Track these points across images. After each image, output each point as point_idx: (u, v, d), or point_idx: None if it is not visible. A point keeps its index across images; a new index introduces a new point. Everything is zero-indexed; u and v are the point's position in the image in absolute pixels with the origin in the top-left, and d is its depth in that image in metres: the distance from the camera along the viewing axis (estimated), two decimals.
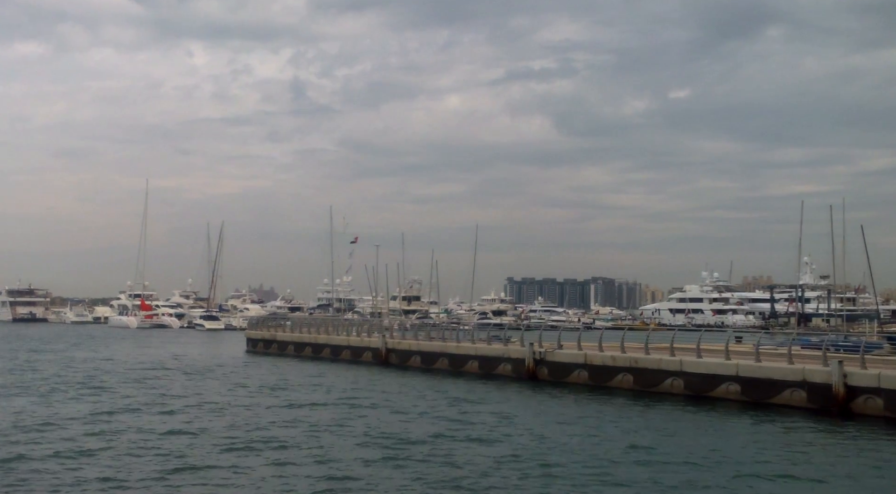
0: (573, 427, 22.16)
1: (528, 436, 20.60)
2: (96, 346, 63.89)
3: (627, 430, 21.47)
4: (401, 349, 41.19)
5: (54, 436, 20.08)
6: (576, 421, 23.09)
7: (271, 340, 53.70)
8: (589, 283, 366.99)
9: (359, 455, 18.06)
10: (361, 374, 37.74)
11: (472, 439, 20.21)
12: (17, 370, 39.69)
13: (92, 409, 25.20)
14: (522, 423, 22.75)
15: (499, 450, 18.68)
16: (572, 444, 19.52)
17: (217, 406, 26.40)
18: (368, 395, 29.38)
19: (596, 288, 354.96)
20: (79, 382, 33.72)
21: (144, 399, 28.06)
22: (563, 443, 19.62)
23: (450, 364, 37.53)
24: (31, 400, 27.36)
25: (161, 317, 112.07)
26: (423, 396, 29.13)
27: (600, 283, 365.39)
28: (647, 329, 60.49)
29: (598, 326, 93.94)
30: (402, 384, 33.33)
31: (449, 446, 19.27)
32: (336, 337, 47.37)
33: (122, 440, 19.81)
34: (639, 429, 21.56)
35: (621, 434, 20.82)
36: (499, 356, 34.78)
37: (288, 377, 36.60)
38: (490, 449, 18.85)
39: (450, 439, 20.20)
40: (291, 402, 27.38)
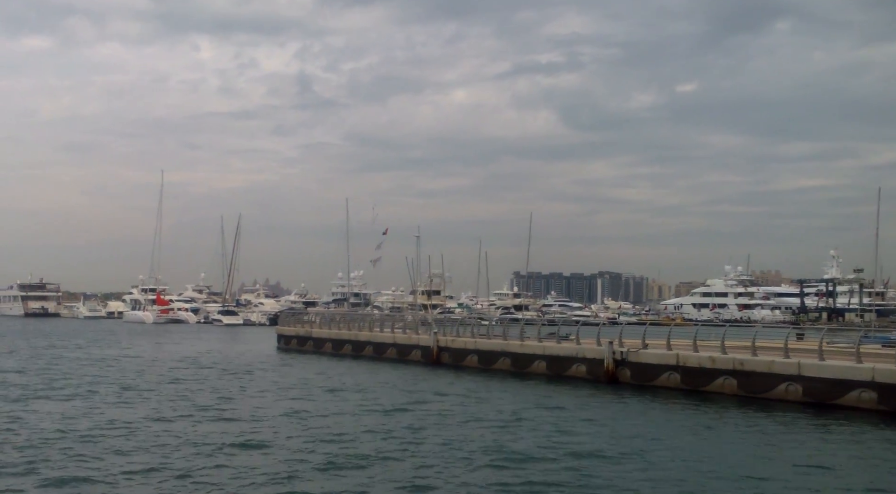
0: (707, 441, 19.44)
1: (664, 451, 17.86)
2: (118, 343, 61.33)
3: (787, 445, 18.71)
4: (455, 347, 38.50)
5: (125, 446, 17.46)
6: (702, 432, 20.41)
7: (306, 337, 51.05)
8: (595, 278, 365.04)
9: (487, 479, 15.35)
10: (416, 375, 35.07)
11: (595, 455, 17.47)
12: (47, 369, 37.07)
13: (147, 414, 22.54)
14: (639, 434, 20.06)
15: (643, 471, 15.97)
16: (732, 463, 16.76)
17: (285, 411, 23.72)
18: (441, 399, 26.72)
19: (603, 282, 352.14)
20: (117, 382, 31.11)
21: (198, 401, 25.40)
22: (719, 463, 16.86)
23: (512, 364, 34.82)
24: (76, 404, 24.69)
25: (177, 312, 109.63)
26: (501, 400, 26.45)
27: (607, 278, 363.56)
28: (672, 324, 58.07)
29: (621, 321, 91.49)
30: (467, 387, 30.62)
31: (576, 463, 16.58)
32: (380, 334, 44.68)
33: (204, 454, 17.15)
34: (804, 444, 18.83)
35: (790, 450, 18.09)
36: (571, 356, 32.06)
37: (340, 378, 33.95)
38: (628, 469, 16.14)
39: (569, 454, 17.50)
40: (362, 407, 24.72)
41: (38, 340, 63.90)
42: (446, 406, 25.22)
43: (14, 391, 28.31)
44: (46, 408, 24.08)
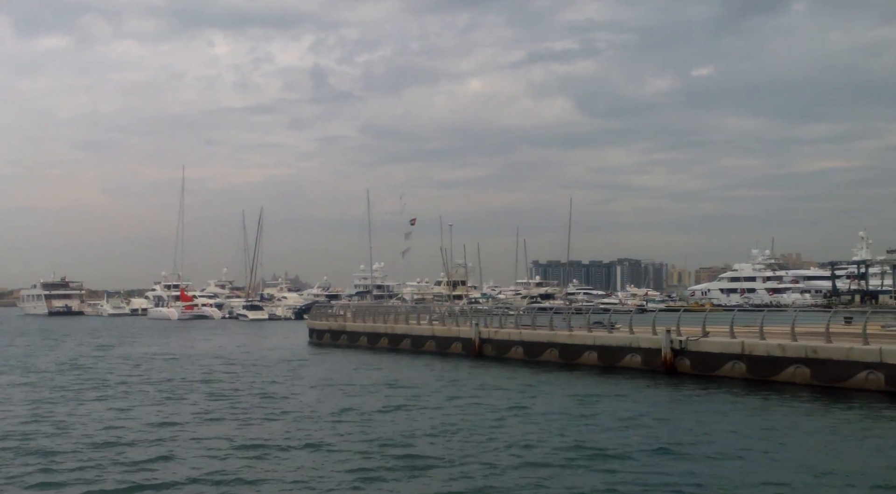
0: (805, 437, 18.14)
1: (791, 452, 16.59)
2: (148, 340, 60.58)
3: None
4: (498, 339, 37.31)
5: (180, 450, 16.39)
6: (787, 427, 19.15)
7: (340, 331, 50.01)
8: (615, 265, 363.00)
9: (588, 482, 14.17)
10: (461, 368, 33.95)
11: (714, 456, 16.16)
12: (85, 369, 36.18)
13: (196, 414, 21.47)
14: (741, 431, 18.77)
15: (773, 473, 14.74)
16: (853, 465, 15.48)
17: (340, 409, 22.61)
18: (495, 393, 25.55)
19: (622, 269, 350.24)
20: (159, 381, 30.12)
21: (245, 400, 24.32)
22: (835, 463, 15.58)
23: (560, 355, 33.60)
24: (120, 405, 23.64)
25: (201, 308, 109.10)
26: (560, 394, 25.27)
27: (626, 265, 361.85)
28: (704, 310, 56.68)
29: (651, 309, 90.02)
30: (518, 380, 29.45)
31: (680, 464, 15.38)
32: (418, 327, 43.56)
33: (266, 457, 16.04)
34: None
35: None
36: (624, 346, 30.80)
37: (383, 372, 32.86)
38: (755, 470, 14.90)
39: (683, 457, 16.25)
40: (419, 403, 23.54)
41: (68, 339, 63.26)
42: (504, 401, 24.07)
43: (56, 392, 27.37)
44: (93, 410, 23.09)
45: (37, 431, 19.67)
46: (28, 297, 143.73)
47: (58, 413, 22.49)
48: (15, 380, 31.61)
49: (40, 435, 19.05)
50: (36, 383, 30.58)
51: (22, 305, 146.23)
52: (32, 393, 27.49)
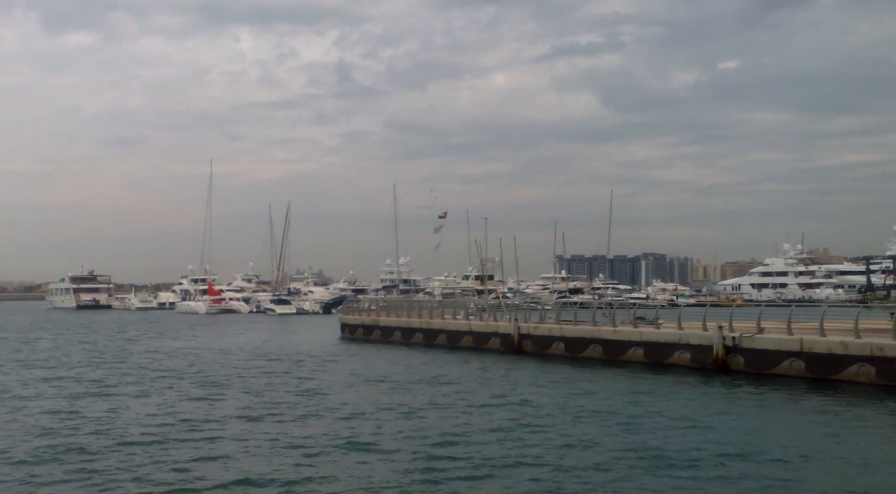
0: None
1: (869, 454, 15.69)
2: (178, 334, 60.22)
3: None
4: (538, 334, 36.43)
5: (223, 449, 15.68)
6: (864, 429, 18.19)
7: (373, 326, 49.32)
8: (639, 259, 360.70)
9: (656, 487, 13.32)
10: (500, 364, 33.14)
11: (787, 460, 15.32)
12: (119, 363, 35.71)
13: (235, 411, 20.76)
14: (809, 433, 17.88)
15: (857, 479, 13.84)
16: None
17: (383, 406, 21.87)
18: (540, 391, 24.72)
19: (647, 264, 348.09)
20: (194, 376, 29.50)
21: (285, 396, 23.61)
22: None
23: (604, 351, 32.68)
24: (158, 401, 23.06)
25: (229, 302, 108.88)
26: (610, 391, 24.40)
27: (651, 259, 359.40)
28: (733, 305, 55.27)
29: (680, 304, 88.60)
30: (562, 377, 28.60)
31: (758, 469, 14.50)
32: (454, 322, 42.76)
33: (314, 458, 15.30)
34: None
35: None
36: (673, 342, 29.83)
37: (421, 368, 32.12)
38: (838, 475, 14.01)
39: (757, 462, 15.38)
40: (464, 400, 22.74)
41: (99, 333, 63.07)
42: (553, 398, 23.24)
43: (93, 387, 26.85)
44: (132, 406, 22.52)
45: (77, 428, 19.12)
46: (56, 291, 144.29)
47: (97, 410, 21.96)
48: (52, 375, 31.17)
49: (81, 433, 18.51)
50: (73, 377, 30.11)
51: (50, 299, 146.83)
52: (70, 387, 27.00)
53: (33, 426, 19.47)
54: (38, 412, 21.70)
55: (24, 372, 32.22)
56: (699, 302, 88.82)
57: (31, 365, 35.66)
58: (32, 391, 26.29)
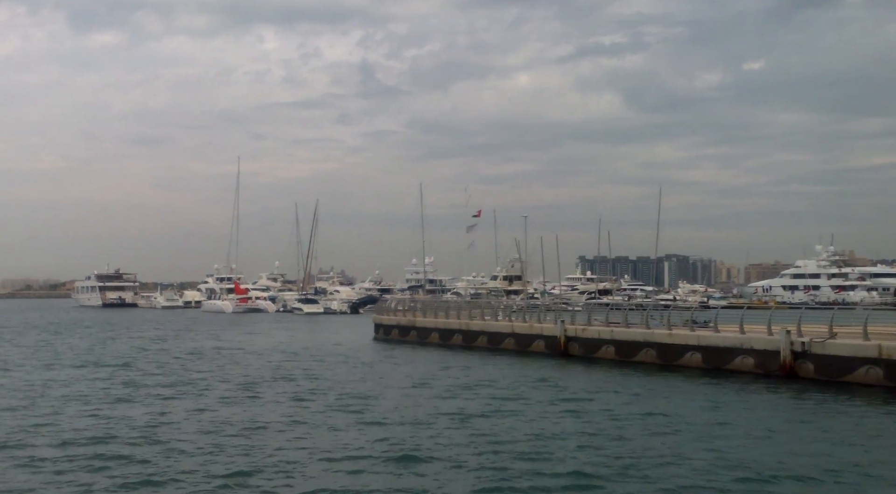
0: None
1: None
2: (208, 333, 59.40)
3: None
4: (587, 337, 35.11)
5: (277, 459, 14.58)
6: None
7: (409, 326, 48.18)
8: (662, 260, 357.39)
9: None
10: (549, 368, 31.85)
11: None
12: (153, 363, 34.79)
13: (284, 415, 19.64)
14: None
15: None
16: None
17: (435, 412, 20.69)
18: (609, 397, 23.42)
19: (670, 265, 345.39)
20: (232, 377, 28.46)
21: (331, 401, 22.49)
22: None
23: (658, 355, 31.33)
24: (199, 403, 21.98)
25: (255, 301, 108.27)
26: (682, 400, 23.08)
27: (674, 260, 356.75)
28: (769, 307, 53.75)
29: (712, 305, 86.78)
30: (623, 383, 27.27)
31: None
32: (496, 323, 41.50)
33: (373, 471, 14.15)
34: None
35: None
36: (734, 346, 28.41)
37: (467, 371, 30.89)
38: None
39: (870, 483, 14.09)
40: (525, 406, 21.48)
41: (128, 331, 62.41)
42: (614, 405, 21.96)
43: (131, 389, 25.86)
44: (170, 409, 21.48)
45: (117, 435, 18.03)
46: (82, 289, 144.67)
47: (141, 414, 20.91)
48: (89, 375, 30.25)
49: (120, 441, 17.40)
50: (110, 378, 29.17)
51: (76, 297, 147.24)
52: (109, 390, 26.03)
53: (75, 432, 18.46)
54: (79, 416, 20.69)
55: (60, 373, 31.34)
56: (732, 305, 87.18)
57: (65, 364, 34.82)
58: (70, 390, 25.33)
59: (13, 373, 31.21)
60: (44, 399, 23.88)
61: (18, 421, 19.79)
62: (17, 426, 19.15)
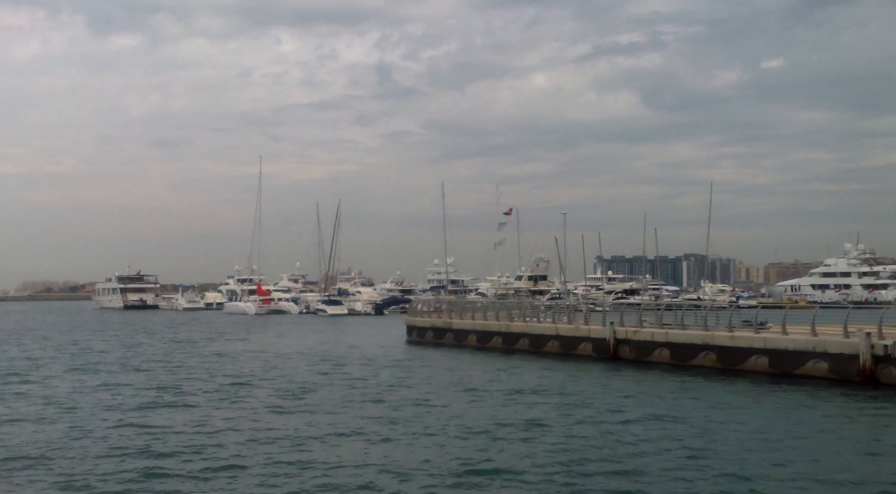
0: None
1: None
2: (235, 336, 58.14)
3: None
4: (638, 339, 33.49)
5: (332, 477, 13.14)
6: None
7: (444, 329, 46.65)
8: (681, 260, 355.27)
9: None
10: (604, 372, 30.35)
11: None
12: (183, 367, 33.46)
13: (332, 426, 18.18)
14: None
15: None
16: None
17: (498, 421, 19.20)
18: (684, 405, 21.86)
19: (688, 264, 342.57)
20: (271, 382, 27.05)
21: (382, 410, 21.04)
22: None
23: (718, 359, 29.68)
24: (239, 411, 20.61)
25: (278, 303, 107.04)
26: (766, 408, 21.50)
27: (692, 260, 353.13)
28: (801, 307, 51.65)
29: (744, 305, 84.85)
30: (689, 389, 25.71)
31: None
32: (538, 325, 39.90)
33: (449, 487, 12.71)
34: None
35: None
36: (805, 350, 26.75)
37: (520, 376, 29.38)
38: None
39: None
40: (599, 416, 19.95)
41: (154, 335, 61.27)
42: (688, 413, 20.40)
43: (166, 395, 24.48)
44: (213, 419, 20.09)
45: (161, 446, 16.64)
46: (103, 291, 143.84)
47: (178, 423, 19.53)
48: (123, 381, 28.93)
49: (168, 456, 16.02)
50: (144, 384, 27.83)
51: (97, 299, 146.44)
52: (143, 395, 24.66)
53: (113, 443, 17.09)
54: (114, 426, 19.33)
55: (93, 378, 30.05)
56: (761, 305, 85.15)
57: (98, 369, 33.55)
58: (104, 396, 24.01)
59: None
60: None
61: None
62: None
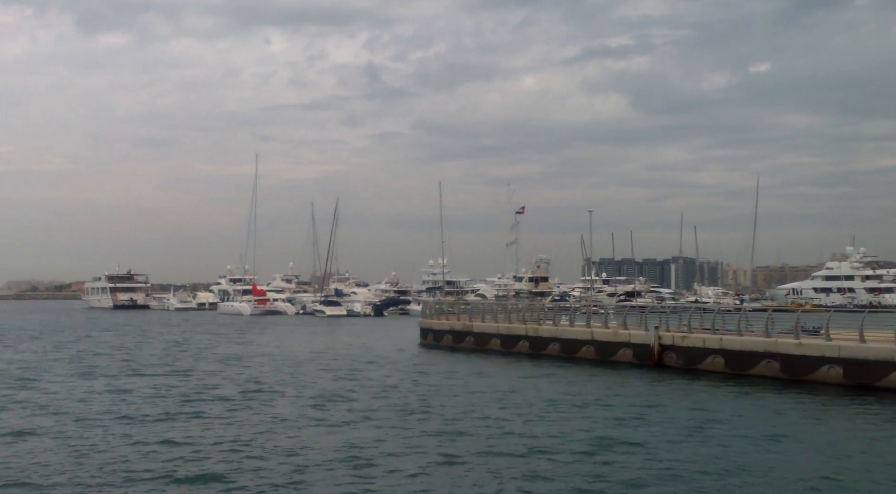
0: None
1: None
2: (237, 338, 55.46)
3: None
4: (686, 346, 31.09)
5: None
6: None
7: (464, 332, 44.09)
8: (669, 263, 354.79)
9: None
10: (651, 381, 27.98)
11: None
12: (194, 372, 30.84)
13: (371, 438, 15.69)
14: None
15: None
16: None
17: (552, 434, 16.78)
18: (771, 420, 19.50)
19: (676, 267, 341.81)
20: (293, 387, 24.53)
21: (427, 424, 18.58)
22: None
23: (783, 368, 27.35)
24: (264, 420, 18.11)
25: (274, 303, 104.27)
26: (841, 421, 19.18)
27: (681, 263, 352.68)
28: (798, 310, 49.67)
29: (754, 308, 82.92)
30: (762, 402, 23.36)
31: None
32: (571, 329, 37.40)
33: None
34: None
35: None
36: (885, 360, 24.46)
37: (563, 386, 26.94)
38: None
39: None
40: (660, 433, 17.57)
41: (152, 337, 58.49)
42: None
43: (183, 403, 21.84)
44: (242, 431, 17.51)
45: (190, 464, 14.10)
46: (92, 290, 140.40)
47: (206, 436, 16.92)
48: (130, 385, 26.24)
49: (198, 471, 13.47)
50: (157, 391, 25.16)
51: (86, 298, 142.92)
52: (157, 403, 22.03)
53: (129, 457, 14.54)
54: (131, 441, 16.73)
55: (100, 382, 27.37)
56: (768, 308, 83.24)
57: (103, 372, 30.85)
58: (122, 407, 21.38)
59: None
60: None
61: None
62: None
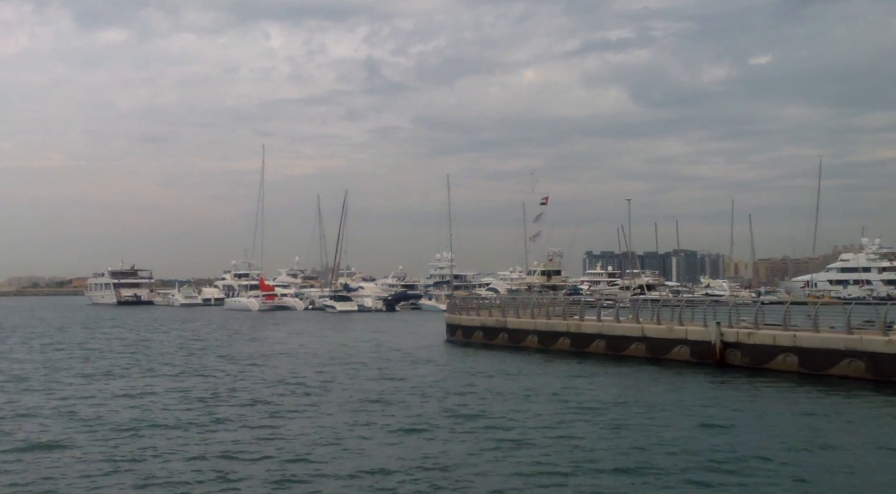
0: None
1: None
2: (253, 334, 53.16)
3: None
4: (755, 343, 28.81)
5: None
6: None
7: (498, 328, 41.72)
8: (670, 256, 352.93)
9: None
10: (720, 383, 25.74)
11: None
12: (216, 375, 28.56)
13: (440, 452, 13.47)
14: None
15: None
16: None
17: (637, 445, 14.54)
18: None
19: (677, 260, 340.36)
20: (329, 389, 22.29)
21: (499, 434, 16.33)
22: None
23: (868, 368, 25.08)
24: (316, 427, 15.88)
25: (283, 298, 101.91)
26: None
27: (682, 256, 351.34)
28: (817, 302, 47.53)
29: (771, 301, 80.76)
30: (854, 403, 21.13)
31: None
32: (618, 326, 35.05)
33: None
34: None
35: None
36: None
37: (619, 389, 24.71)
38: None
39: None
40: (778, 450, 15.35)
41: (167, 334, 56.19)
42: None
43: (214, 410, 19.56)
44: (289, 443, 15.22)
45: None
46: (95, 286, 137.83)
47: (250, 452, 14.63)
48: (153, 388, 23.93)
49: None
50: (183, 395, 22.86)
51: (89, 294, 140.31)
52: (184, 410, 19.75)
53: None
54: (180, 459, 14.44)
55: (117, 385, 25.05)
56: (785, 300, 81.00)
57: (120, 374, 28.54)
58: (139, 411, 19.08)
59: None
60: None
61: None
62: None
